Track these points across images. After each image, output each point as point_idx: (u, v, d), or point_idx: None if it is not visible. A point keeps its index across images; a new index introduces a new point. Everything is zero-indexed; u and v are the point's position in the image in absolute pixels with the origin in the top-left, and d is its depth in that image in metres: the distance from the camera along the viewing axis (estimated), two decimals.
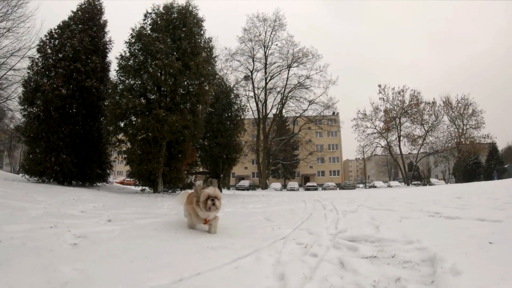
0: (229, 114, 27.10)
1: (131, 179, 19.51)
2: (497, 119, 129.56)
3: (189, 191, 5.22)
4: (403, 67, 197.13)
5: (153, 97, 17.26)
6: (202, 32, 19.48)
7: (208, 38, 20.23)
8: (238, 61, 46.01)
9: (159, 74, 16.32)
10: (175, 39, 17.90)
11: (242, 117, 28.58)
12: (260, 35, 46.00)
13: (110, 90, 17.33)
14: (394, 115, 56.74)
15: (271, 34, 46.17)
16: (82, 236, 3.59)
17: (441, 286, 2.20)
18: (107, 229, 4.26)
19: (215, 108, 25.88)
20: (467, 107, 57.43)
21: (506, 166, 63.59)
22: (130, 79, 17.22)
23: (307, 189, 48.19)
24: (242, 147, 28.90)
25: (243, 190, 40.31)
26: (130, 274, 2.30)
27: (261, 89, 46.03)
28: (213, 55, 20.90)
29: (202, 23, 19.62)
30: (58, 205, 6.93)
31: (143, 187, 17.67)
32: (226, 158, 26.29)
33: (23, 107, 16.88)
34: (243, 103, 30.39)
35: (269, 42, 46.20)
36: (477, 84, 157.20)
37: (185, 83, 17.43)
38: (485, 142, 58.05)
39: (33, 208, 5.77)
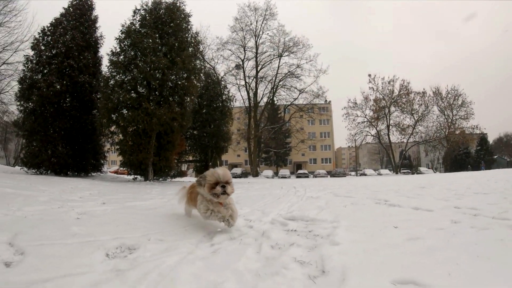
0: (218, 104, 28.30)
1: (124, 169, 20.70)
2: (491, 110, 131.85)
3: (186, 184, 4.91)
4: (394, 52, 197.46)
5: (143, 91, 18.25)
6: (189, 27, 20.46)
7: (195, 32, 21.32)
8: (230, 50, 46.77)
9: (147, 69, 17.34)
10: (163, 35, 18.86)
11: (231, 107, 29.79)
12: (251, 24, 46.64)
13: (102, 85, 18.46)
14: (384, 104, 57.88)
15: (262, 23, 46.87)
16: (83, 213, 4.91)
17: (317, 251, 2.98)
18: (101, 209, 5.58)
19: (203, 99, 27.16)
20: (456, 98, 58.80)
21: (495, 156, 65.54)
22: (120, 74, 18.21)
23: (298, 176, 49.57)
24: (231, 136, 30.12)
25: (235, 177, 41.34)
26: (116, 231, 3.60)
27: (252, 77, 46.87)
28: (200, 50, 21.87)
29: (189, 18, 20.60)
30: (59, 193, 8.22)
31: (135, 176, 18.97)
32: (215, 147, 27.61)
33: (19, 103, 17.91)
34: (231, 93, 31.57)
35: (260, 31, 46.87)
36: (469, 70, 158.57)
37: (173, 77, 18.45)
38: (473, 133, 59.36)
39: (40, 195, 7.06)
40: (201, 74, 22.84)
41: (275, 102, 49.94)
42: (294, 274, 2.34)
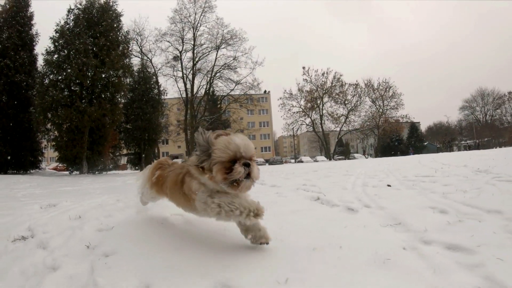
0: (149, 98, 30.06)
1: (63, 165, 22.31)
2: (430, 102, 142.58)
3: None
4: (343, 48, 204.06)
5: (76, 89, 20.04)
6: (120, 26, 22.53)
7: (126, 31, 23.46)
8: (168, 41, 47.15)
9: (79, 70, 19.12)
10: (95, 34, 20.65)
11: (162, 100, 31.98)
12: (190, 16, 47.50)
13: (37, 82, 20.07)
14: (317, 95, 61.65)
15: (201, 15, 47.88)
16: (27, 194, 7.45)
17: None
18: (39, 192, 8.16)
19: (136, 94, 28.98)
20: (387, 89, 63.68)
21: (425, 143, 72.86)
22: (55, 74, 19.95)
23: None
24: (162, 128, 32.43)
25: None
26: (48, 199, 6.17)
27: (189, 69, 48.05)
28: (130, 49, 23.72)
29: (121, 17, 22.66)
30: (5, 185, 10.64)
31: (71, 170, 20.96)
32: (147, 139, 29.55)
33: None
34: (163, 87, 33.71)
35: (198, 23, 47.92)
36: (419, 71, 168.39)
37: (104, 75, 20.37)
38: (408, 121, 64.93)
39: None
40: (133, 70, 24.55)
41: (215, 93, 51.41)
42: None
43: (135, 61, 39.54)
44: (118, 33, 22.09)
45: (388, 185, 5.93)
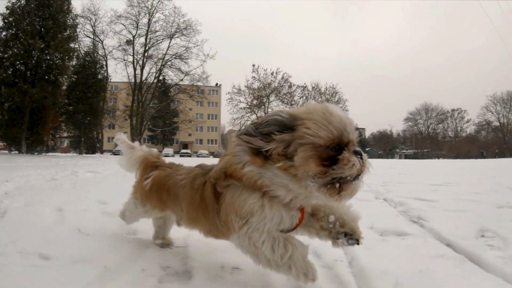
0: (93, 82, 30.65)
1: (4, 144, 23.01)
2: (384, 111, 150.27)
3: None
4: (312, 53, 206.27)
5: (22, 68, 21.03)
6: (70, 8, 23.65)
7: (75, 15, 24.69)
8: (123, 24, 46.98)
9: (24, 51, 20.23)
10: (44, 16, 21.61)
11: (107, 84, 32.84)
12: (147, 1, 47.60)
13: None
14: (264, 94, 63.64)
15: (158, 2, 47.81)
16: None
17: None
18: None
19: (79, 77, 29.75)
20: (334, 94, 66.78)
21: (367, 149, 78.64)
22: (1, 52, 20.90)
23: (182, 155, 55.05)
24: (103, 113, 33.52)
25: (119, 155, 42.64)
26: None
27: (141, 55, 48.23)
28: (76, 33, 24.76)
29: (71, 0, 23.80)
30: None
31: (11, 149, 21.87)
32: (87, 123, 30.41)
33: None
34: (109, 74, 34.55)
35: (154, 10, 48.03)
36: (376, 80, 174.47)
37: (48, 58, 21.43)
38: None
39: None
40: (79, 53, 25.23)
41: (166, 81, 51.88)
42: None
43: (87, 42, 40.22)
44: (67, 16, 23.18)
45: None
